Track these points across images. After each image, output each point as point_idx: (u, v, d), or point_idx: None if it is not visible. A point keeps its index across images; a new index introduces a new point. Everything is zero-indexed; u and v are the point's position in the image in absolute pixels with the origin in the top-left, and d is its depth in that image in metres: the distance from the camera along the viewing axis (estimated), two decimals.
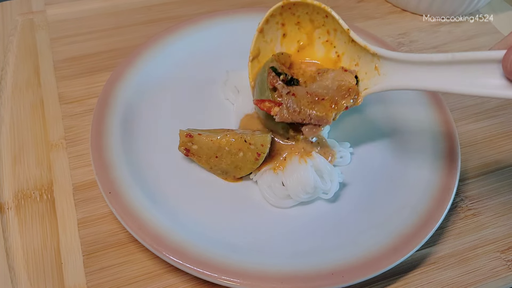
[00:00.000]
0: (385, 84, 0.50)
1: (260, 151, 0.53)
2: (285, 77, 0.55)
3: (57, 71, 0.69)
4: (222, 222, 0.52)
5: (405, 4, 0.82)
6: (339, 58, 0.57)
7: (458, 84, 0.43)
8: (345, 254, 0.48)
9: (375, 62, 0.51)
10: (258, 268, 0.46)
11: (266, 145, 0.53)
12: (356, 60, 0.54)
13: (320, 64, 0.59)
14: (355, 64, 0.54)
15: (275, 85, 0.54)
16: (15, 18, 0.77)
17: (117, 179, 0.51)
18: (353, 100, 0.52)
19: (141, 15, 0.78)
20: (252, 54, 0.58)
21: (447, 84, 0.44)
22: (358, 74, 0.54)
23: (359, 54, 0.53)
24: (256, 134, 0.54)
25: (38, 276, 0.49)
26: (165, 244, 0.47)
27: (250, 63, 0.58)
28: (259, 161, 0.54)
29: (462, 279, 0.50)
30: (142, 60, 0.64)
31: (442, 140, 0.58)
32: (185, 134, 0.54)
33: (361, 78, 0.53)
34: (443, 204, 0.51)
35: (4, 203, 0.54)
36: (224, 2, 0.82)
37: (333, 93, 0.53)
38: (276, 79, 0.54)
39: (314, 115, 0.52)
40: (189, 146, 0.55)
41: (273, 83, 0.54)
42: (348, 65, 0.56)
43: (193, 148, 0.55)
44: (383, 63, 0.51)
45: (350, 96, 0.52)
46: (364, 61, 0.53)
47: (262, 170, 0.55)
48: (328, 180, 0.53)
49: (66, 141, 0.60)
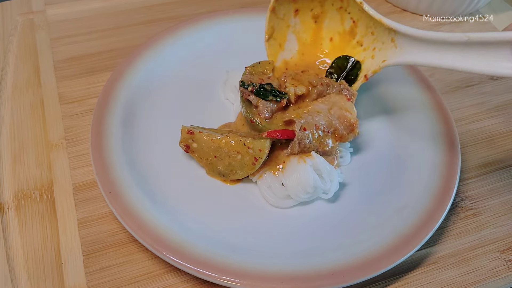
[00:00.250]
0: (403, 58, 0.51)
1: (258, 156, 0.53)
2: (253, 87, 0.56)
3: (57, 71, 0.69)
4: (222, 222, 0.52)
5: (405, 4, 0.82)
6: (355, 24, 0.57)
7: (474, 64, 0.45)
8: (345, 254, 0.48)
9: (391, 35, 0.52)
10: (258, 268, 0.46)
11: (264, 151, 0.53)
12: (372, 28, 0.55)
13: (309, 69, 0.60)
14: (371, 32, 0.55)
15: (248, 98, 0.56)
16: (15, 18, 0.77)
17: (117, 179, 0.51)
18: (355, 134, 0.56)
19: (141, 15, 0.79)
20: (267, 33, 0.60)
21: (463, 63, 0.45)
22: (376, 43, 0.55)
23: (375, 23, 0.54)
24: (256, 139, 0.54)
25: (38, 276, 0.49)
26: (165, 244, 0.47)
27: (266, 43, 0.60)
28: (256, 166, 0.53)
29: (462, 279, 0.50)
30: (142, 60, 0.64)
31: (442, 140, 0.58)
32: (187, 130, 0.54)
33: (379, 48, 0.55)
34: (443, 204, 0.51)
35: (4, 203, 0.54)
36: (224, 2, 0.82)
37: (337, 126, 0.55)
38: (246, 93, 0.56)
39: (321, 150, 0.55)
40: (189, 143, 0.55)
41: (245, 97, 0.57)
42: (364, 33, 0.56)
43: (193, 146, 0.55)
44: (399, 37, 0.52)
45: (353, 133, 0.55)
46: (381, 31, 0.54)
47: (261, 172, 0.55)
48: (327, 180, 0.53)
49: (66, 141, 0.60)
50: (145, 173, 0.54)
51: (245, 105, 0.57)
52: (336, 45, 0.60)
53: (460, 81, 0.71)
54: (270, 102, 0.56)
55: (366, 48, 0.57)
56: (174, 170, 0.56)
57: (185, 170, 0.56)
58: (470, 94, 0.70)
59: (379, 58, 0.54)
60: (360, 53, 0.58)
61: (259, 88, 0.57)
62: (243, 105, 0.57)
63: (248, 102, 0.57)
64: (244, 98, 0.57)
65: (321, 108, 0.56)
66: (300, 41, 0.61)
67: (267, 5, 0.59)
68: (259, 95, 0.56)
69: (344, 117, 0.55)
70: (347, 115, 0.55)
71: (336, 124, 0.55)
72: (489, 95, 0.70)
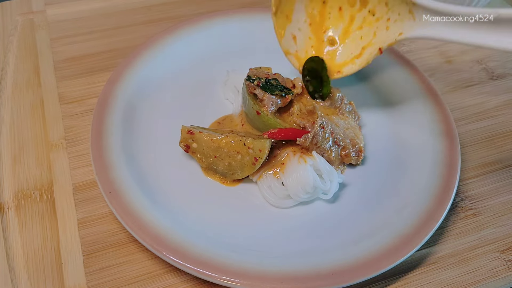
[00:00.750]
0: (423, 32, 0.48)
1: (258, 157, 0.53)
2: (259, 81, 0.57)
3: (57, 71, 0.69)
4: (222, 222, 0.52)
5: None
6: None
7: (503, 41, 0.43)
8: (345, 254, 0.48)
9: (409, 6, 0.49)
10: (258, 268, 0.46)
11: (264, 151, 0.53)
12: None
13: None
14: (385, 3, 0.52)
15: (254, 92, 0.57)
16: (15, 18, 0.77)
17: (117, 179, 0.51)
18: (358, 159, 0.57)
19: (141, 15, 0.79)
20: (274, 6, 0.57)
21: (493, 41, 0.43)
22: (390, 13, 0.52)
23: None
24: (256, 139, 0.54)
25: (38, 276, 0.49)
26: (165, 244, 0.47)
27: (273, 16, 0.58)
28: (256, 166, 0.53)
29: (462, 279, 0.50)
30: (142, 60, 0.65)
31: (442, 140, 0.58)
32: (187, 130, 0.54)
33: (394, 20, 0.52)
34: (443, 204, 0.51)
35: (4, 203, 0.54)
36: (223, 2, 0.82)
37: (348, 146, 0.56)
38: (252, 87, 0.57)
39: (326, 157, 0.55)
40: (189, 143, 0.55)
41: (251, 90, 0.57)
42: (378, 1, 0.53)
43: (193, 146, 0.55)
44: (418, 10, 0.49)
45: (359, 157, 0.57)
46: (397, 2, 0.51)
47: (261, 171, 0.55)
48: (327, 180, 0.53)
49: (66, 141, 0.60)
50: (145, 173, 0.54)
51: (251, 98, 0.57)
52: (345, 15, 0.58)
53: (460, 81, 0.71)
54: (276, 96, 0.57)
55: (379, 18, 0.54)
56: (174, 170, 0.56)
57: (185, 170, 0.56)
58: (470, 94, 0.70)
59: (395, 30, 0.51)
60: (373, 23, 0.55)
61: (265, 82, 0.57)
62: (248, 98, 0.57)
63: (254, 95, 0.57)
64: (250, 91, 0.57)
65: (340, 123, 0.58)
66: (308, 11, 0.59)
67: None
68: (265, 89, 0.57)
69: (355, 142, 0.57)
70: (357, 141, 0.57)
71: (347, 143, 0.57)
72: (489, 95, 0.70)
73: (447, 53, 0.76)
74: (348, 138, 0.57)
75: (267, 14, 0.72)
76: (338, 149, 0.56)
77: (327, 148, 0.55)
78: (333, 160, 0.56)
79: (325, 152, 0.55)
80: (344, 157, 0.56)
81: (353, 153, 0.57)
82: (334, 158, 0.56)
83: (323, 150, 0.55)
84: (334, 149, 0.56)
